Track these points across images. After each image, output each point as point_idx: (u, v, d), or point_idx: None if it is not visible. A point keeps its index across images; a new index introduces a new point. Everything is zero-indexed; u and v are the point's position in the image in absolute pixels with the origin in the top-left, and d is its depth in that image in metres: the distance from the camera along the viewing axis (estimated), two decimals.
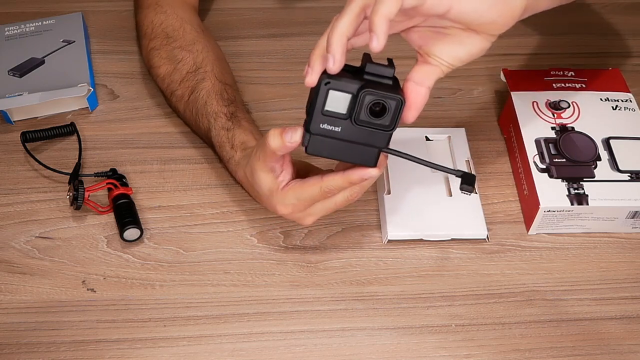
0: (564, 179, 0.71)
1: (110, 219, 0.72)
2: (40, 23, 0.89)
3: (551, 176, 0.71)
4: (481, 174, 0.77)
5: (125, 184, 0.74)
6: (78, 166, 0.74)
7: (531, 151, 0.73)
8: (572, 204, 0.69)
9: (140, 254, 0.69)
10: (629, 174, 0.71)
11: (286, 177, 0.62)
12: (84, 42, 0.87)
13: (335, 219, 0.72)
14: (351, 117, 0.56)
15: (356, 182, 0.59)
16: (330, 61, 0.53)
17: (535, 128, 0.75)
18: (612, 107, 0.77)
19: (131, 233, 0.69)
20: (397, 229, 0.70)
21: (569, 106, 0.77)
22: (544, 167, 0.72)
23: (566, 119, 0.76)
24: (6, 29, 0.89)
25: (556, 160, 0.72)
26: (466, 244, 0.71)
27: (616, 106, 0.77)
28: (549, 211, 0.69)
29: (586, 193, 0.69)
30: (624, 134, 0.75)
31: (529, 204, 0.72)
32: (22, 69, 0.83)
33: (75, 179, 0.72)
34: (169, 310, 0.65)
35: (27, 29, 0.89)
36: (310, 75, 0.55)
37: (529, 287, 0.68)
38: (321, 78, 0.54)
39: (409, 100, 0.56)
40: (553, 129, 0.75)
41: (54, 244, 0.70)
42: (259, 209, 0.73)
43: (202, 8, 0.92)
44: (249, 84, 0.84)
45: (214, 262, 0.69)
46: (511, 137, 0.78)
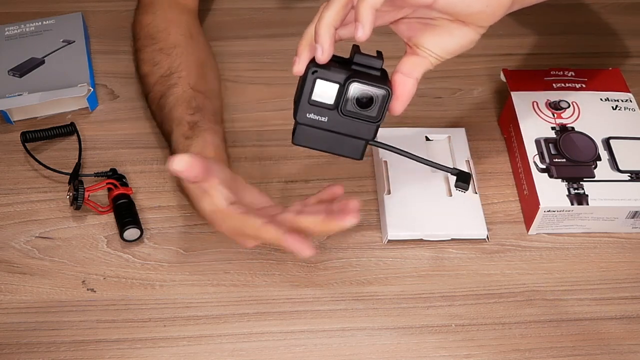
0: (564, 179, 0.71)
1: (110, 219, 0.72)
2: (40, 23, 0.89)
3: (551, 176, 0.71)
4: (481, 174, 0.77)
5: (125, 184, 0.74)
6: (78, 166, 0.74)
7: (531, 151, 0.73)
8: (572, 204, 0.69)
9: (140, 254, 0.69)
10: (629, 174, 0.71)
11: (221, 199, 0.58)
12: (84, 42, 0.87)
13: None
14: (338, 107, 0.56)
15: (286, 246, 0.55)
16: (318, 51, 0.53)
17: (535, 128, 0.75)
18: (612, 107, 0.77)
19: (131, 233, 0.69)
20: (397, 229, 0.70)
21: (569, 106, 0.77)
22: (544, 167, 0.72)
23: (566, 119, 0.76)
24: (6, 29, 0.89)
25: (556, 160, 0.72)
26: (466, 244, 0.71)
27: (616, 106, 0.77)
28: (549, 211, 0.69)
29: (586, 193, 0.69)
30: (624, 134, 0.75)
31: (529, 204, 0.72)
32: (22, 69, 0.83)
33: (75, 179, 0.72)
34: (169, 310, 0.65)
35: (27, 29, 0.89)
36: (297, 65, 0.55)
37: (529, 287, 0.68)
38: (308, 67, 0.54)
39: (396, 92, 0.56)
40: (553, 129, 0.75)
41: (54, 244, 0.70)
42: None
43: (202, 8, 0.92)
44: (249, 84, 0.84)
45: (214, 262, 0.69)
46: (511, 137, 0.78)
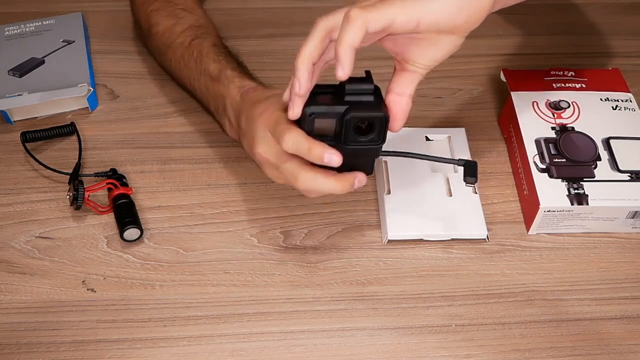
0: (564, 179, 0.71)
1: (110, 219, 0.72)
2: (40, 23, 0.89)
3: (551, 176, 0.71)
4: (481, 174, 0.76)
5: (125, 184, 0.74)
6: (78, 166, 0.74)
7: (531, 151, 0.73)
8: (572, 204, 0.69)
9: (140, 254, 0.69)
10: (629, 174, 0.71)
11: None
12: (84, 42, 0.87)
13: (335, 219, 0.72)
14: (340, 138, 0.56)
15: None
16: (296, 85, 0.54)
17: (535, 128, 0.75)
18: (612, 107, 0.77)
19: (131, 233, 0.69)
20: (397, 229, 0.70)
21: (569, 106, 0.77)
22: (544, 167, 0.72)
23: (566, 119, 0.76)
24: (6, 29, 0.89)
25: (556, 160, 0.72)
26: (466, 244, 0.71)
27: (616, 106, 0.77)
28: (549, 211, 0.69)
29: (586, 193, 0.69)
30: (624, 134, 0.75)
31: (529, 204, 0.72)
32: (22, 69, 0.83)
33: (75, 179, 0.72)
34: (169, 310, 0.65)
35: (27, 29, 0.89)
36: (292, 110, 0.55)
37: (529, 287, 0.68)
38: (305, 109, 0.55)
39: (392, 113, 0.57)
40: (553, 129, 0.75)
41: (54, 244, 0.70)
42: (259, 209, 0.73)
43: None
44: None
45: (214, 262, 0.69)
46: (511, 137, 0.78)
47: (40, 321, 0.64)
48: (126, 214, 0.70)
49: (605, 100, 0.78)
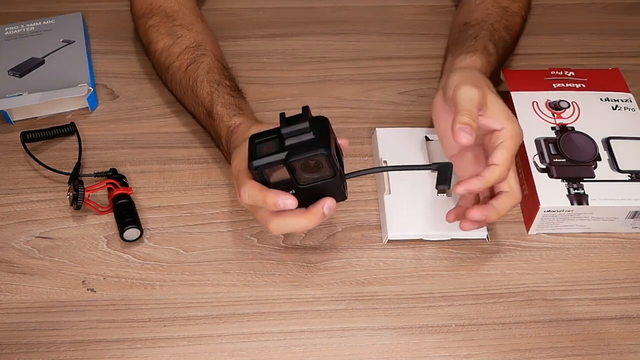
0: (564, 179, 0.71)
1: (110, 219, 0.72)
2: (40, 23, 0.89)
3: (551, 176, 0.71)
4: None
5: (125, 184, 0.74)
6: (78, 166, 0.74)
7: (531, 151, 0.73)
8: (572, 204, 0.69)
9: (140, 254, 0.69)
10: (629, 174, 0.71)
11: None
12: (84, 42, 0.87)
13: (336, 219, 0.72)
14: (296, 181, 0.57)
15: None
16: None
17: (535, 128, 0.75)
18: (612, 107, 0.77)
19: (131, 233, 0.69)
20: (397, 229, 0.70)
21: (569, 106, 0.77)
22: (544, 167, 0.72)
23: (566, 119, 0.76)
24: (6, 29, 0.89)
25: (556, 160, 0.72)
26: (466, 244, 0.71)
27: (616, 106, 0.77)
28: (549, 211, 0.69)
29: (586, 193, 0.69)
30: (624, 134, 0.75)
31: (529, 204, 0.72)
32: (22, 69, 0.83)
33: (75, 179, 0.72)
34: (169, 310, 0.65)
35: (27, 29, 0.89)
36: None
37: (529, 287, 0.68)
38: (249, 163, 0.56)
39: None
40: (553, 129, 0.75)
41: (54, 244, 0.70)
42: None
43: (202, 8, 0.92)
44: (249, 84, 0.84)
45: (214, 262, 0.69)
46: None
47: (40, 321, 0.64)
48: (126, 214, 0.70)
49: (605, 100, 0.78)
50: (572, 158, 0.72)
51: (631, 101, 0.78)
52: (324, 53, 0.90)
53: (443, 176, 0.61)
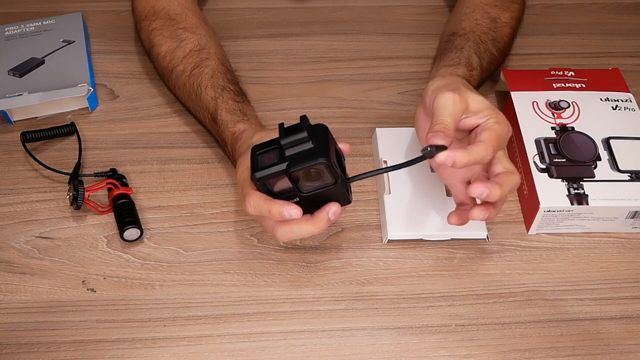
0: (564, 179, 0.71)
1: (110, 219, 0.72)
2: (40, 23, 0.89)
3: (551, 176, 0.71)
4: None
5: (125, 184, 0.74)
6: (78, 166, 0.74)
7: (531, 151, 0.73)
8: (572, 204, 0.69)
9: (140, 254, 0.69)
10: (629, 174, 0.71)
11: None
12: (84, 42, 0.87)
13: None
14: (299, 190, 0.58)
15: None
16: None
17: (535, 128, 0.75)
18: (612, 107, 0.77)
19: (131, 233, 0.69)
20: (397, 229, 0.70)
21: (569, 106, 0.77)
22: (544, 167, 0.72)
23: (566, 119, 0.76)
24: (6, 29, 0.89)
25: (556, 160, 0.72)
26: (466, 244, 0.71)
27: (616, 106, 0.77)
28: (549, 211, 0.69)
29: (586, 193, 0.69)
30: (624, 134, 0.75)
31: (529, 204, 0.72)
32: (22, 69, 0.83)
33: (75, 179, 0.72)
34: (169, 310, 0.65)
35: (27, 29, 0.89)
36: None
37: (529, 287, 0.68)
38: (252, 175, 0.57)
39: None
40: (553, 129, 0.75)
41: (54, 244, 0.70)
42: None
43: (202, 8, 0.92)
44: (249, 84, 0.84)
45: (214, 262, 0.69)
46: (511, 137, 0.78)
47: (40, 321, 0.64)
48: (126, 214, 0.70)
49: (605, 100, 0.78)
50: (572, 158, 0.72)
51: (631, 101, 0.78)
52: (324, 53, 0.90)
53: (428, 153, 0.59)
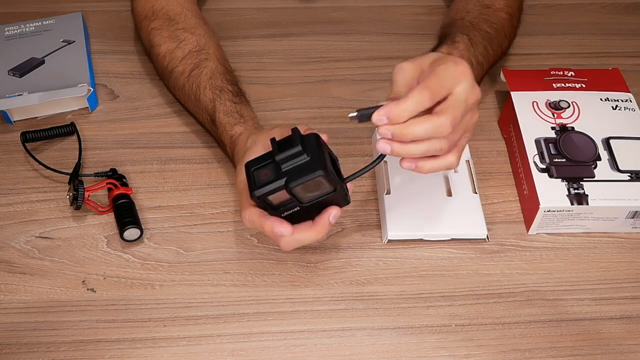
0: (564, 179, 0.71)
1: (110, 219, 0.72)
2: (40, 23, 0.89)
3: (551, 176, 0.71)
4: (481, 174, 0.77)
5: (125, 184, 0.74)
6: (78, 166, 0.74)
7: (531, 151, 0.73)
8: (572, 204, 0.69)
9: (140, 254, 0.69)
10: (629, 174, 0.71)
11: None
12: (84, 42, 0.87)
13: None
14: (299, 201, 0.58)
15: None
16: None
17: (535, 128, 0.75)
18: (612, 107, 0.77)
19: (131, 233, 0.69)
20: (397, 229, 0.70)
21: (569, 106, 0.77)
22: (544, 167, 0.72)
23: (566, 119, 0.76)
24: (6, 29, 0.89)
25: (556, 160, 0.72)
26: (466, 244, 0.71)
27: (616, 106, 0.77)
28: (549, 211, 0.69)
29: (586, 193, 0.69)
30: (624, 134, 0.75)
31: (529, 204, 0.72)
32: (22, 69, 0.83)
33: (75, 179, 0.72)
34: (169, 310, 0.65)
35: (27, 29, 0.89)
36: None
37: (529, 287, 0.68)
38: (252, 193, 0.57)
39: None
40: (553, 129, 0.75)
41: (54, 244, 0.70)
42: None
43: (202, 8, 0.92)
44: (249, 84, 0.84)
45: (214, 262, 0.69)
46: (511, 137, 0.78)
47: (40, 321, 0.64)
48: (126, 214, 0.70)
49: (605, 100, 0.78)
50: (572, 158, 0.72)
51: (631, 101, 0.78)
52: (324, 53, 0.90)
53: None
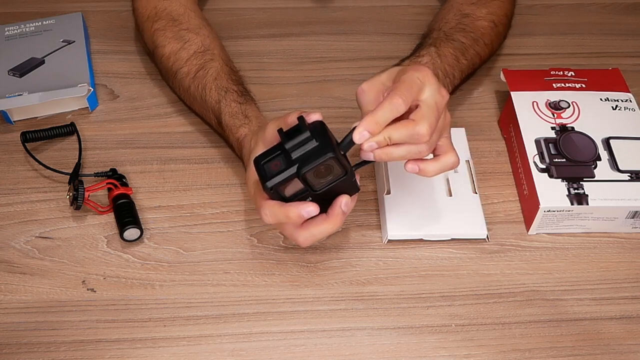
0: (564, 179, 0.71)
1: (110, 219, 0.72)
2: (40, 23, 0.89)
3: (551, 176, 0.71)
4: (481, 174, 0.77)
5: (125, 184, 0.74)
6: (78, 166, 0.74)
7: (531, 151, 0.73)
8: (572, 204, 0.69)
9: (140, 254, 0.69)
10: (629, 174, 0.71)
11: None
12: (84, 42, 0.87)
13: None
14: (311, 189, 0.58)
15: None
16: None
17: (535, 128, 0.75)
18: (612, 107, 0.77)
19: (131, 233, 0.69)
20: (397, 229, 0.70)
21: (569, 106, 0.77)
22: (544, 167, 0.72)
23: (566, 119, 0.76)
24: (6, 29, 0.89)
25: (556, 160, 0.72)
26: (466, 244, 0.71)
27: (616, 106, 0.77)
28: (549, 211, 0.69)
29: (586, 193, 0.69)
30: (624, 134, 0.75)
31: (529, 204, 0.72)
32: (22, 69, 0.83)
33: (75, 179, 0.72)
34: (169, 310, 0.65)
35: (27, 29, 0.89)
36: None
37: (529, 287, 0.68)
38: (264, 185, 0.57)
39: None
40: (553, 129, 0.75)
41: (54, 244, 0.70)
42: None
43: (203, 8, 0.92)
44: (249, 84, 0.83)
45: (214, 262, 0.69)
46: (511, 137, 0.78)
47: (40, 321, 0.64)
48: (126, 214, 0.70)
49: (605, 100, 0.78)
50: (572, 158, 0.72)
51: (631, 101, 0.78)
52: (324, 53, 0.90)
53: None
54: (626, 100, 0.78)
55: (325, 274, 0.68)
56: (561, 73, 0.81)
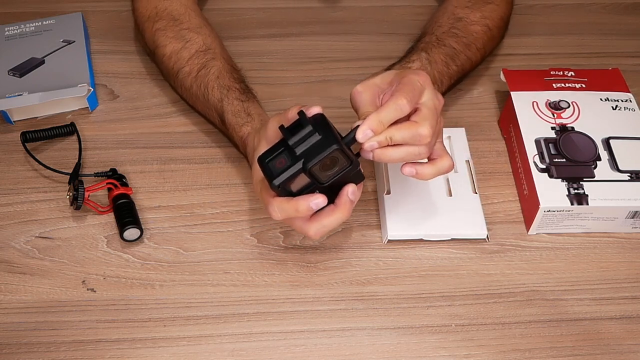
0: (564, 179, 0.71)
1: (110, 219, 0.72)
2: (40, 23, 0.89)
3: (551, 176, 0.71)
4: (481, 174, 0.77)
5: (125, 184, 0.74)
6: (78, 166, 0.74)
7: (531, 151, 0.73)
8: (572, 204, 0.69)
9: (140, 254, 0.69)
10: (629, 174, 0.71)
11: None
12: (84, 42, 0.87)
13: None
14: (318, 182, 0.58)
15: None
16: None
17: (535, 128, 0.75)
18: (612, 107, 0.77)
19: (131, 233, 0.69)
20: (397, 229, 0.70)
21: (569, 106, 0.77)
22: (544, 167, 0.72)
23: (566, 119, 0.76)
24: (6, 29, 0.89)
25: (556, 160, 0.72)
26: (466, 244, 0.71)
27: (616, 106, 0.77)
28: (549, 211, 0.69)
29: (586, 193, 0.69)
30: (624, 134, 0.75)
31: (529, 204, 0.72)
32: (22, 69, 0.83)
33: (75, 179, 0.72)
34: (169, 310, 0.65)
35: (27, 29, 0.89)
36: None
37: (529, 287, 0.68)
38: (271, 182, 0.57)
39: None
40: (553, 129, 0.75)
41: (54, 244, 0.70)
42: (259, 209, 0.73)
43: (203, 8, 0.92)
44: (249, 84, 0.84)
45: (214, 262, 0.69)
46: (511, 137, 0.78)
47: (40, 321, 0.64)
48: (126, 214, 0.70)
49: (605, 100, 0.78)
50: (572, 158, 0.72)
51: (631, 101, 0.78)
52: (324, 53, 0.90)
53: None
54: (626, 100, 0.78)
55: (325, 274, 0.68)
56: (561, 73, 0.81)
